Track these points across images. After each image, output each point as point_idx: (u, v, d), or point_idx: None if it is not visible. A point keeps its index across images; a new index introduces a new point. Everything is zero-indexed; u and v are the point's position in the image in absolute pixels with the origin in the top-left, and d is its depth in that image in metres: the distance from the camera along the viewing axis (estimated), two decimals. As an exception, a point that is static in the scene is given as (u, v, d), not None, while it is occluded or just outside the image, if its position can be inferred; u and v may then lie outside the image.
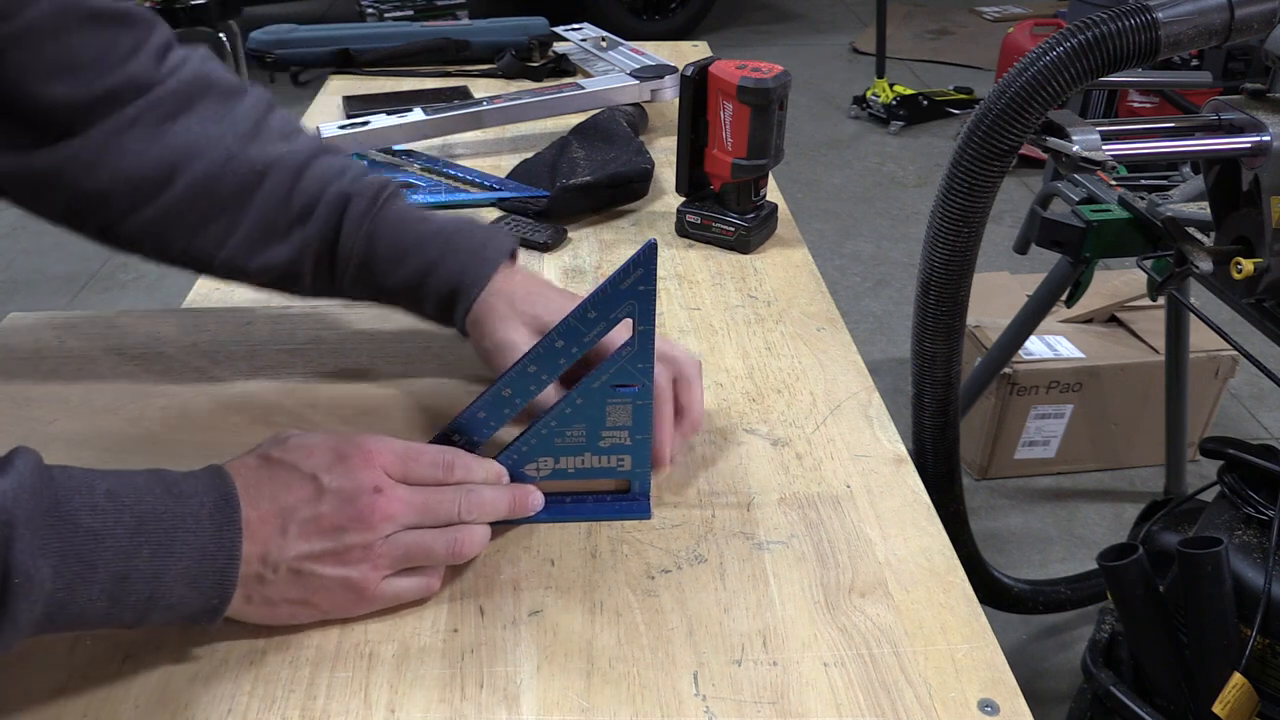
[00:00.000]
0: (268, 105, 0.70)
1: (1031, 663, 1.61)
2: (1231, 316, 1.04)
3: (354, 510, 0.52)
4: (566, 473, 0.61)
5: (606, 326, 0.56)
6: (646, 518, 0.62)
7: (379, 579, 0.54)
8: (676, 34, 4.26)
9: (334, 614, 0.54)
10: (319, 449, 0.54)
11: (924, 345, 0.92)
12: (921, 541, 0.61)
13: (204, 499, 0.50)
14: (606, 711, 0.50)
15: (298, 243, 0.67)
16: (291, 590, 0.52)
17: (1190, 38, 0.72)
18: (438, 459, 0.57)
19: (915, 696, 0.51)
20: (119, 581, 0.47)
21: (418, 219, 0.68)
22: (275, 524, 0.52)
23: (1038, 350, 1.86)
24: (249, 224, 0.67)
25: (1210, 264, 0.86)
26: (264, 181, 0.66)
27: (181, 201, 0.66)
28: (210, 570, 0.50)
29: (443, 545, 0.55)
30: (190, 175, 0.65)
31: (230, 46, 2.70)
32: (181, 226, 0.66)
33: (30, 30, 0.60)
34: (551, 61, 1.42)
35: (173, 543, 0.48)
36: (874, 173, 3.31)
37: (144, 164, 0.65)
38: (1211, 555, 0.88)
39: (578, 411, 0.59)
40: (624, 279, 0.54)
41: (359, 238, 0.67)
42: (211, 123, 0.67)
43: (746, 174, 0.93)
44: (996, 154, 0.78)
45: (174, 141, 0.65)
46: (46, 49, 0.61)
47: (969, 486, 1.94)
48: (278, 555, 0.51)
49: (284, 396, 0.72)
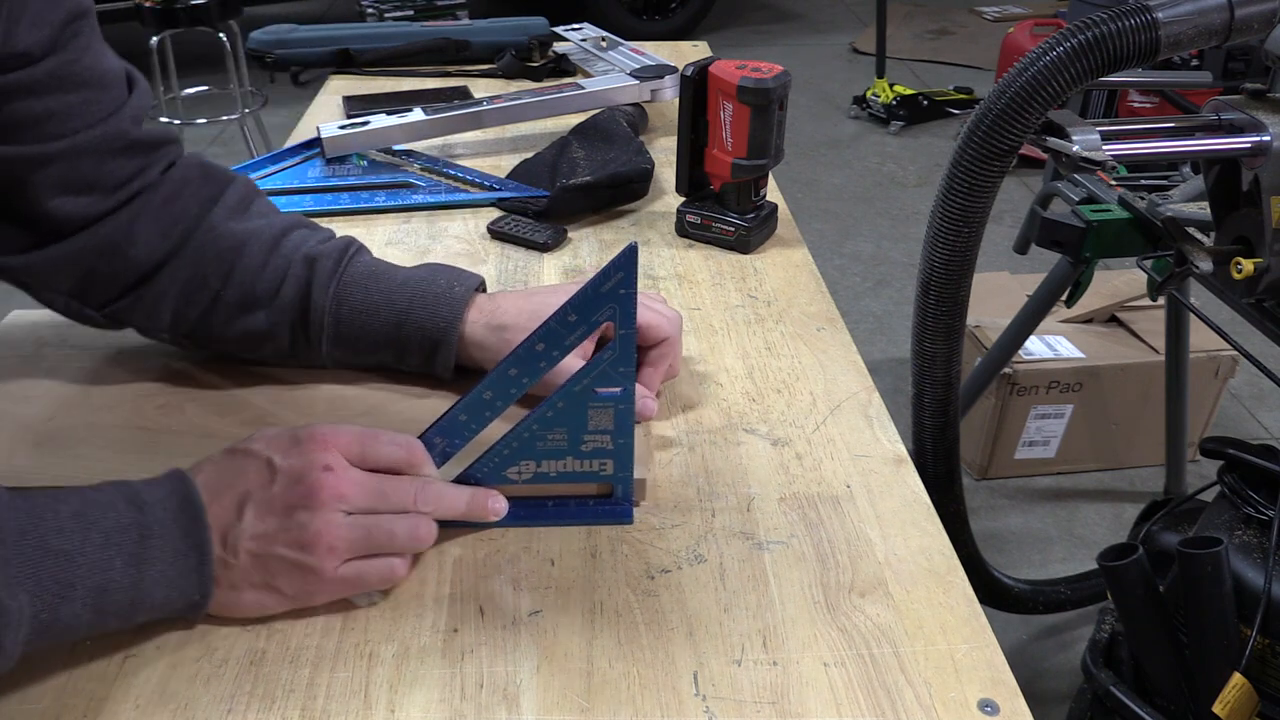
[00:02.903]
0: (252, 190, 0.74)
1: (1031, 663, 1.61)
2: (1231, 316, 1.04)
3: (304, 488, 0.53)
4: (549, 476, 0.61)
5: (587, 330, 0.56)
6: (628, 522, 0.62)
7: (336, 563, 0.54)
8: (676, 34, 4.26)
9: (300, 600, 0.54)
10: (277, 436, 0.56)
11: (924, 345, 0.92)
12: (921, 541, 0.61)
13: (167, 504, 0.52)
14: (606, 711, 0.50)
15: (274, 309, 0.70)
16: (253, 574, 0.53)
17: (1190, 38, 0.72)
18: (397, 439, 0.58)
19: (915, 696, 0.51)
20: (99, 594, 0.49)
21: (384, 273, 0.71)
22: (233, 509, 0.53)
23: (1038, 350, 1.86)
24: (229, 295, 0.70)
25: (1210, 264, 0.86)
26: (242, 252, 0.70)
27: (176, 276, 0.69)
28: (186, 569, 0.51)
29: (404, 530, 0.56)
30: (183, 254, 0.69)
31: (230, 46, 2.69)
32: (170, 301, 0.70)
33: (74, 150, 0.64)
34: (551, 61, 1.42)
35: (144, 550, 0.50)
36: (874, 173, 3.31)
37: (149, 248, 0.69)
38: (1211, 555, 0.88)
39: (559, 415, 0.59)
40: (604, 282, 0.54)
41: (328, 299, 0.70)
42: (203, 202, 0.71)
43: (746, 174, 0.93)
44: (996, 154, 0.78)
45: (171, 225, 0.69)
46: (83, 169, 0.66)
47: (969, 486, 1.94)
48: (235, 538, 0.53)
49: (280, 395, 0.72)
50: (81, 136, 0.65)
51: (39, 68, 0.62)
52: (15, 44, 0.60)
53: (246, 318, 0.70)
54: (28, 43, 0.60)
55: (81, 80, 0.64)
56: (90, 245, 0.67)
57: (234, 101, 2.83)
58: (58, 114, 0.64)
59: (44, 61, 0.62)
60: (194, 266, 0.69)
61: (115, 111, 0.67)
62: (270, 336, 0.71)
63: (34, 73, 0.61)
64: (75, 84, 0.64)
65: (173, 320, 0.71)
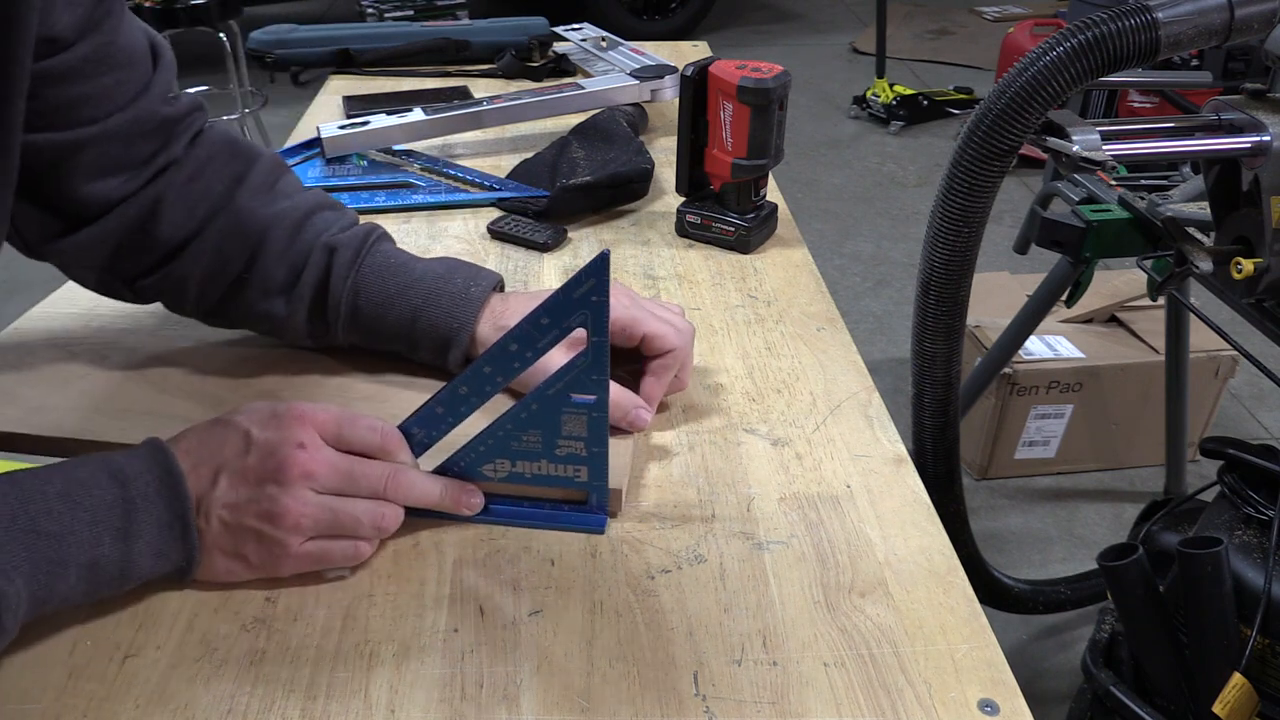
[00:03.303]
0: (279, 167, 0.74)
1: (1031, 663, 1.61)
2: (1231, 316, 1.04)
3: (275, 462, 0.54)
4: (523, 477, 0.61)
5: (559, 334, 0.56)
6: (599, 532, 0.61)
7: (301, 539, 0.55)
8: (676, 34, 4.26)
9: (267, 571, 0.56)
10: (259, 409, 0.57)
11: (924, 345, 0.92)
12: (921, 541, 0.61)
13: (149, 477, 0.53)
14: (606, 711, 0.50)
15: (293, 296, 0.70)
16: (223, 540, 0.55)
17: (1190, 38, 0.72)
18: (374, 425, 0.58)
19: (915, 696, 0.51)
20: (90, 569, 0.51)
21: (401, 266, 0.71)
22: (209, 476, 0.55)
23: (1038, 350, 1.86)
24: (252, 279, 0.70)
25: (1210, 264, 0.86)
26: (266, 238, 0.70)
27: (200, 256, 0.70)
28: (171, 539, 0.53)
29: (368, 516, 0.56)
30: (208, 234, 0.70)
31: (230, 46, 2.69)
32: (195, 280, 0.71)
33: (105, 135, 0.65)
34: (551, 61, 1.42)
35: (130, 525, 0.52)
36: (874, 173, 3.31)
37: (175, 227, 0.69)
38: (1211, 555, 0.88)
39: (533, 417, 0.59)
40: (576, 288, 0.54)
41: (345, 289, 0.70)
42: (229, 181, 0.71)
43: (746, 174, 0.93)
44: (996, 154, 0.78)
45: (197, 203, 0.69)
46: (113, 151, 0.66)
47: (969, 486, 1.94)
48: (208, 505, 0.54)
49: (290, 381, 0.74)
50: (114, 120, 0.65)
51: (73, 52, 0.61)
52: (52, 26, 0.59)
53: (266, 302, 0.71)
54: (63, 25, 0.60)
55: (115, 62, 0.64)
56: (120, 225, 0.68)
57: (234, 101, 2.83)
58: (92, 98, 0.64)
59: (78, 45, 0.61)
60: (217, 249, 0.70)
61: (144, 90, 0.66)
62: (289, 322, 0.71)
63: (68, 58, 0.61)
64: (109, 66, 0.64)
65: (197, 298, 0.72)
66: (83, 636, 0.53)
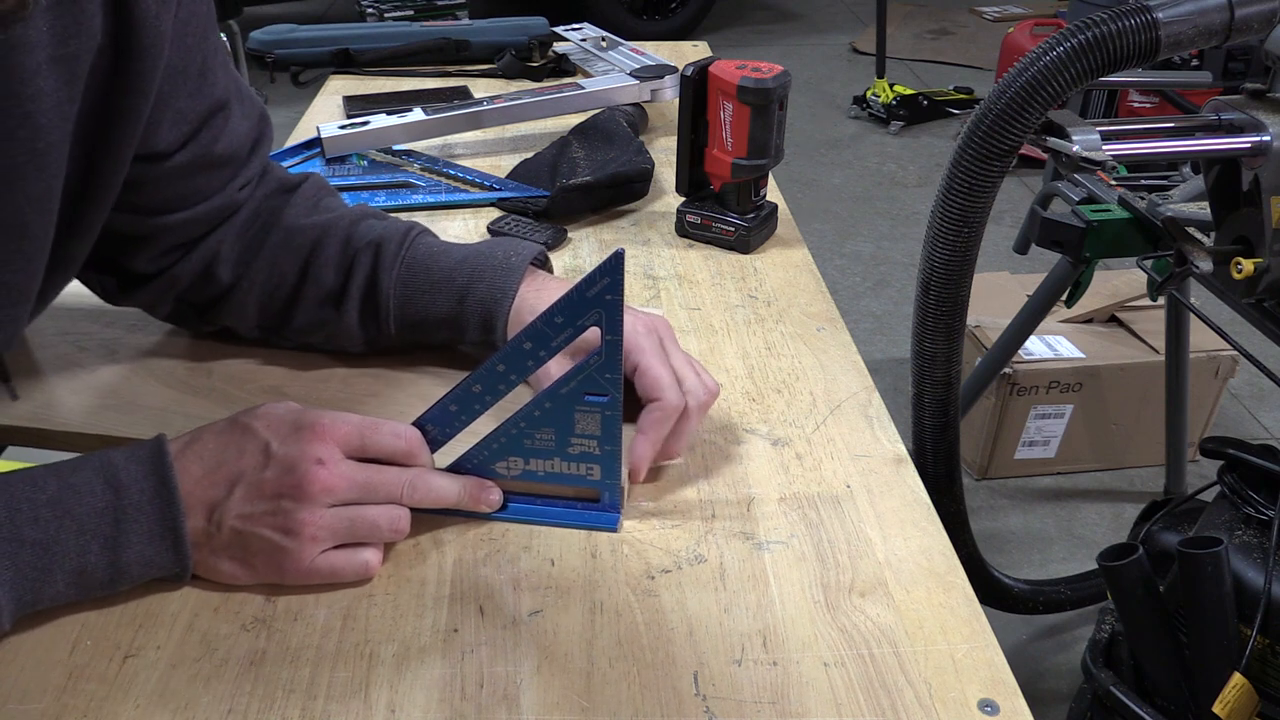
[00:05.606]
0: (323, 187, 0.77)
1: (1031, 663, 1.61)
2: (1231, 316, 1.04)
3: (293, 479, 0.54)
4: (536, 475, 0.61)
5: (574, 333, 0.56)
6: (613, 530, 0.61)
7: (315, 552, 0.55)
8: (676, 34, 4.26)
9: (269, 579, 0.56)
10: (280, 419, 0.57)
11: (924, 345, 0.92)
12: (921, 541, 0.61)
13: (143, 485, 0.53)
14: (606, 711, 0.50)
15: (345, 298, 0.71)
16: (233, 548, 0.55)
17: (1190, 38, 0.72)
18: (398, 430, 0.58)
19: (915, 696, 0.51)
20: (78, 575, 0.52)
21: (443, 251, 0.72)
22: (224, 484, 0.55)
23: (1038, 350, 1.86)
24: (307, 289, 0.71)
25: (1210, 264, 0.86)
26: (316, 247, 0.71)
27: (253, 282, 0.71)
28: (162, 549, 0.53)
29: (386, 521, 0.57)
30: (262, 256, 0.71)
31: (230, 46, 2.70)
32: (254, 301, 0.72)
33: (185, 222, 0.67)
34: (551, 61, 1.42)
35: (120, 534, 0.52)
36: (874, 173, 3.31)
37: (232, 266, 0.71)
38: (1211, 555, 0.88)
39: (546, 415, 0.59)
40: (590, 287, 0.54)
41: (393, 280, 0.70)
42: (276, 210, 0.73)
43: (746, 174, 0.93)
44: (996, 154, 0.78)
45: (253, 239, 0.71)
46: (186, 232, 0.68)
47: (969, 486, 1.94)
48: (221, 514, 0.54)
49: (298, 375, 0.75)
50: (199, 209, 0.67)
51: (172, 161, 0.63)
52: (154, 145, 0.61)
53: (321, 310, 0.72)
54: (166, 142, 0.62)
55: (212, 163, 0.67)
56: (181, 274, 0.70)
57: (234, 101, 2.83)
58: (181, 195, 0.66)
59: (178, 155, 0.63)
60: (271, 266, 0.71)
61: (233, 179, 0.69)
62: (342, 326, 0.72)
63: (165, 166, 0.63)
64: (204, 168, 0.66)
65: (259, 317, 0.73)
66: (83, 636, 0.53)
